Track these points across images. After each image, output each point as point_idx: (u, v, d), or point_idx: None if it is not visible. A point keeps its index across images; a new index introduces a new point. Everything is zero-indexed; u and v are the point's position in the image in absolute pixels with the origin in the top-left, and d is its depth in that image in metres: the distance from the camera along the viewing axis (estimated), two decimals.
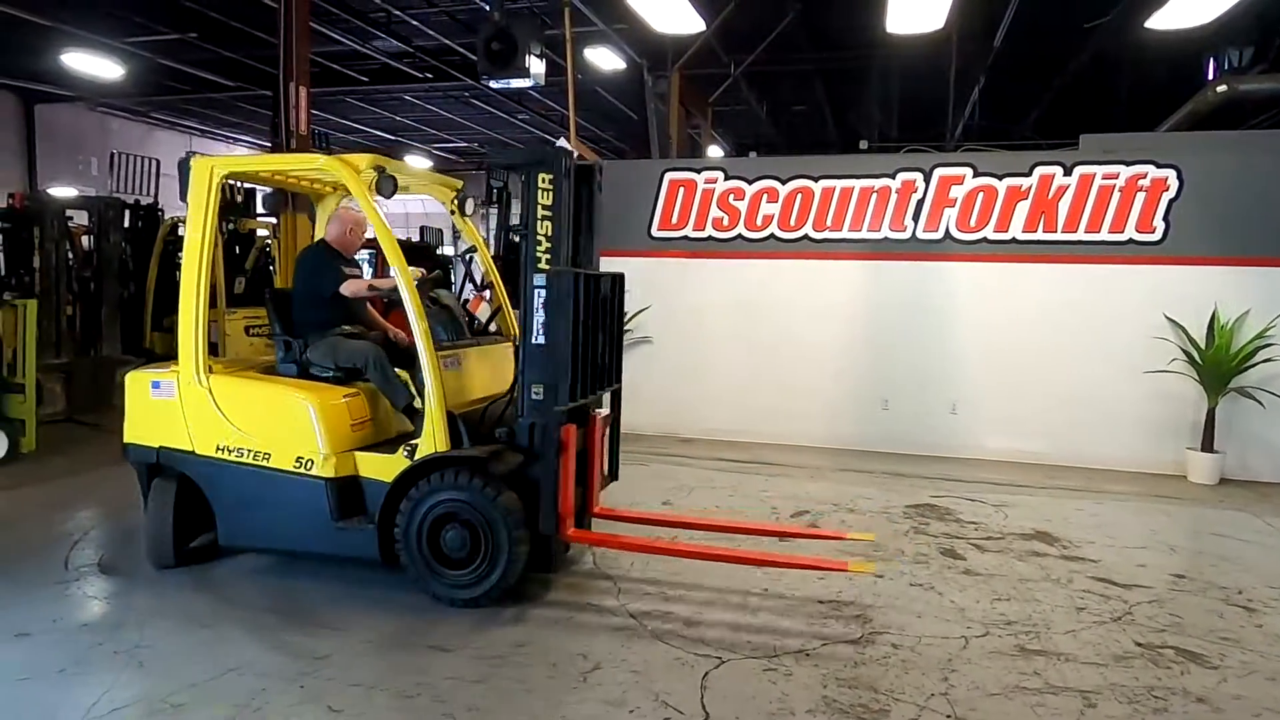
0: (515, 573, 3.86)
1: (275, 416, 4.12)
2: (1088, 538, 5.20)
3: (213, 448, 4.15)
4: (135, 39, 11.82)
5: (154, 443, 4.26)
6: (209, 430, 4.16)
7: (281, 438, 4.06)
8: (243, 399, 4.20)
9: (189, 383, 4.20)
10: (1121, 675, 3.37)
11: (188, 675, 3.22)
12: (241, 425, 4.14)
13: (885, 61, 11.75)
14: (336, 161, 4.12)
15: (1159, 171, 6.79)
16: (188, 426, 4.19)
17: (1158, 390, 6.84)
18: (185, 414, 4.20)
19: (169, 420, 4.22)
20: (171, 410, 4.22)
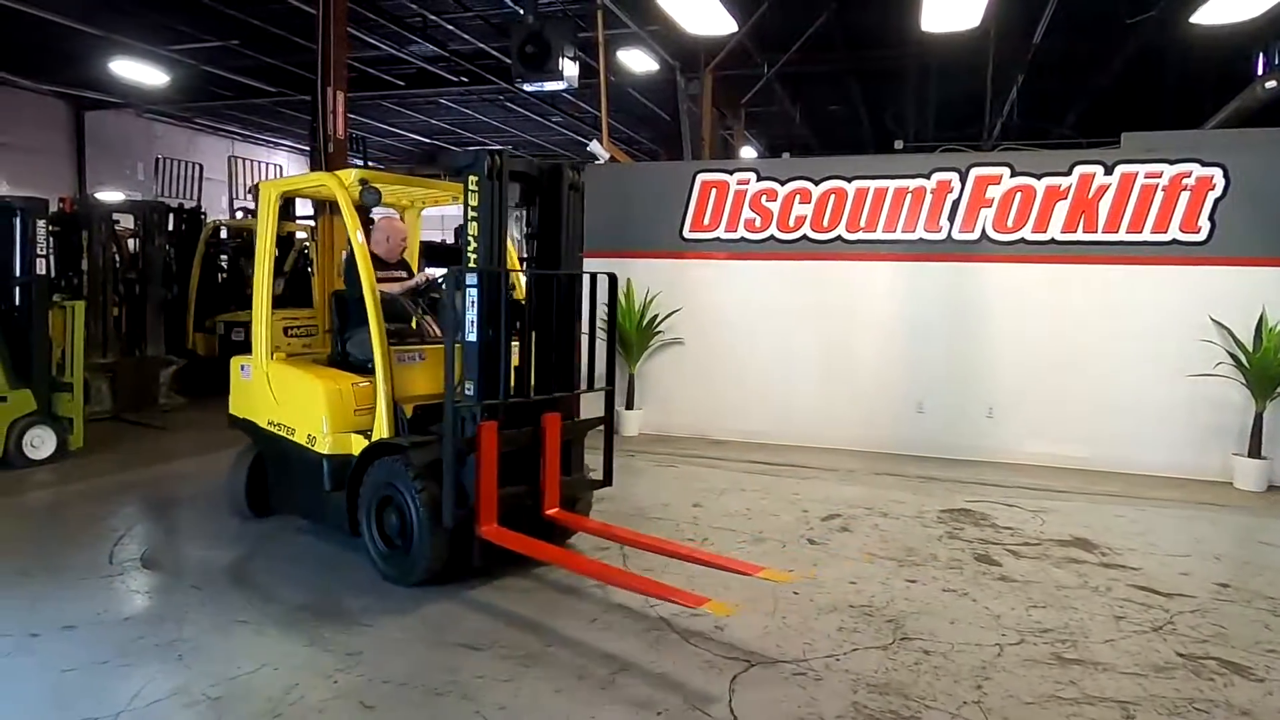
0: (430, 559, 4.04)
1: (299, 397, 4.76)
2: (1128, 545, 5.09)
3: (266, 421, 4.98)
4: (180, 46, 12.12)
5: (240, 415, 5.21)
6: (265, 406, 4.99)
7: (302, 415, 4.72)
8: (284, 381, 4.91)
9: (257, 367, 5.06)
10: (1162, 686, 3.29)
11: (225, 669, 3.28)
12: (281, 403, 4.88)
13: (921, 60, 11.62)
14: (329, 176, 4.78)
15: (1204, 170, 6.62)
16: (255, 403, 5.05)
17: (1202, 394, 6.66)
18: (254, 392, 5.08)
19: (247, 397, 5.15)
20: (249, 389, 5.14)
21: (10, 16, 10.23)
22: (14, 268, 6.37)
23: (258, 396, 5.03)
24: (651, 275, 8.03)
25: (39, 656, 3.38)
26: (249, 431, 5.16)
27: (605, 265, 7.58)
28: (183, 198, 12.03)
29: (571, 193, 4.56)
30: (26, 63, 13.14)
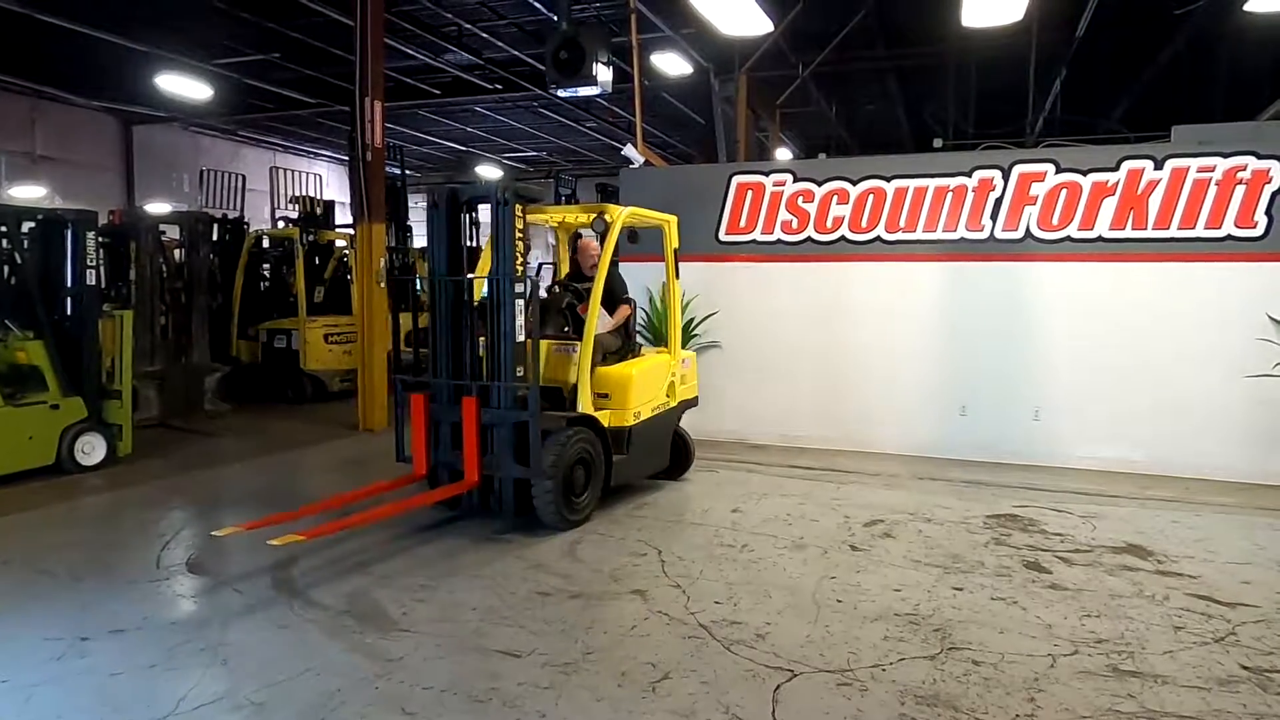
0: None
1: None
2: (1185, 552, 4.90)
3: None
4: (223, 61, 12.40)
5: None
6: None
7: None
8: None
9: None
10: (1226, 700, 3.15)
11: (268, 674, 3.31)
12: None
13: (961, 56, 11.41)
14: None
15: (1260, 163, 6.38)
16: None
17: (1261, 395, 6.41)
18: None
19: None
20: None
21: (62, 36, 10.56)
22: (65, 278, 6.54)
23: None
24: (688, 278, 7.94)
25: (89, 660, 3.44)
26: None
27: (642, 270, 7.66)
28: (227, 208, 12.27)
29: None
30: (78, 80, 13.56)
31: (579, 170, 21.25)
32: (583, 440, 5.22)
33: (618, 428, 5.57)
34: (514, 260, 5.03)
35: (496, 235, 5.09)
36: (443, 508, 5.42)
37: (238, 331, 10.34)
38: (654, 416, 5.88)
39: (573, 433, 5.14)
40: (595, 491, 5.38)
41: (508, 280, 5.03)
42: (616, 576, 4.43)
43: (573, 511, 5.23)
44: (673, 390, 6.10)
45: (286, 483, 6.71)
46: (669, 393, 6.06)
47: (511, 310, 5.04)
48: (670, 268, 6.23)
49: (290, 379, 10.08)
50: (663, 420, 6.02)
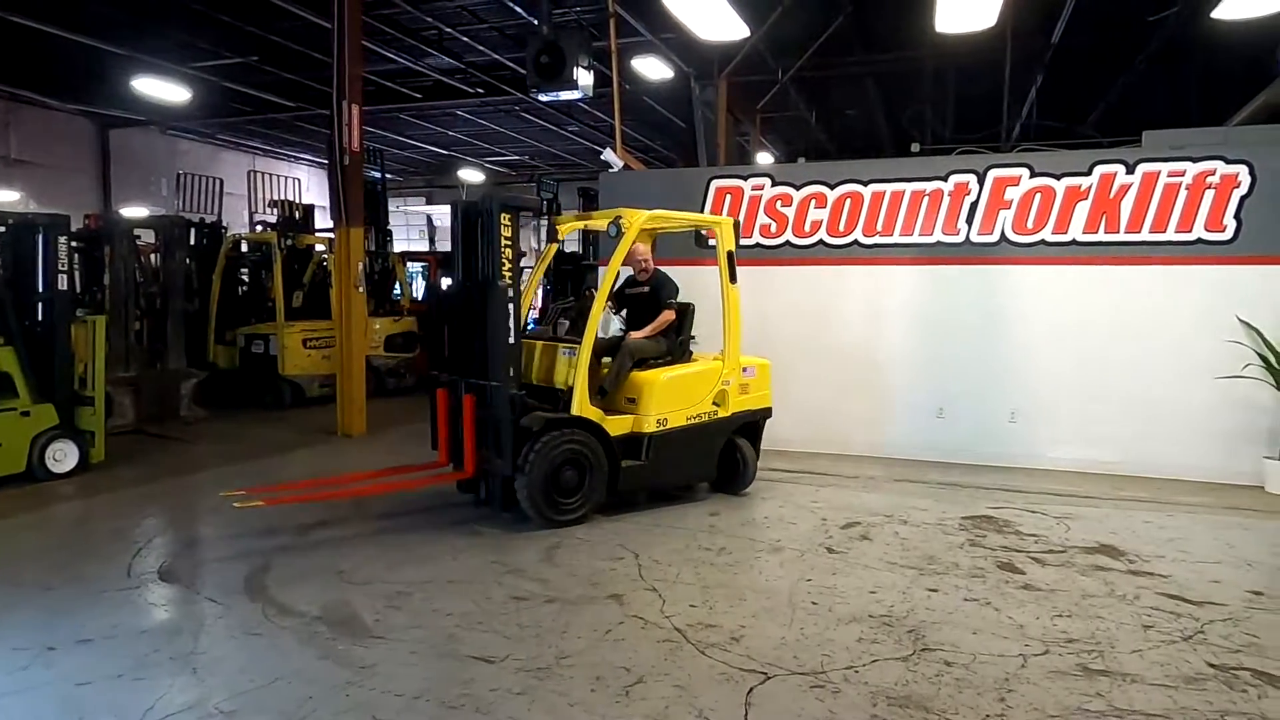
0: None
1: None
2: (1157, 552, 4.96)
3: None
4: (201, 64, 12.30)
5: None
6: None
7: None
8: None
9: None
10: (1192, 698, 3.19)
11: (238, 683, 3.28)
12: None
13: (938, 62, 11.51)
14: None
15: (1229, 168, 6.48)
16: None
17: (1231, 396, 6.50)
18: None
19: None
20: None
21: (37, 38, 10.44)
22: (36, 283, 6.46)
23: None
24: None
25: (55, 670, 3.39)
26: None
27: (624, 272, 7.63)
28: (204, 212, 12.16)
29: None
30: (53, 83, 13.42)
31: (562, 174, 21.25)
32: (572, 442, 5.23)
33: (634, 434, 5.53)
34: (501, 265, 5.19)
35: (488, 241, 5.25)
36: (465, 496, 5.86)
37: (215, 337, 10.25)
38: (689, 425, 5.71)
39: (560, 434, 5.18)
40: (592, 494, 5.37)
41: (495, 283, 5.18)
42: (594, 581, 4.42)
43: (557, 511, 5.26)
44: (724, 399, 5.89)
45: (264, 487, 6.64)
46: (717, 401, 5.87)
47: (501, 313, 5.17)
48: (724, 272, 6.01)
49: (268, 384, 10.00)
50: (702, 430, 5.80)
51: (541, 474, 5.14)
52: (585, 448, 5.31)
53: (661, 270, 6.16)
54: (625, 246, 5.56)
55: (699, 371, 5.92)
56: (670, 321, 5.91)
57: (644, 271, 6.11)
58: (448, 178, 23.28)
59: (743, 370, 6.04)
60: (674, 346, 5.95)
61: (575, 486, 5.32)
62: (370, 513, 5.87)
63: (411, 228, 25.27)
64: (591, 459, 5.33)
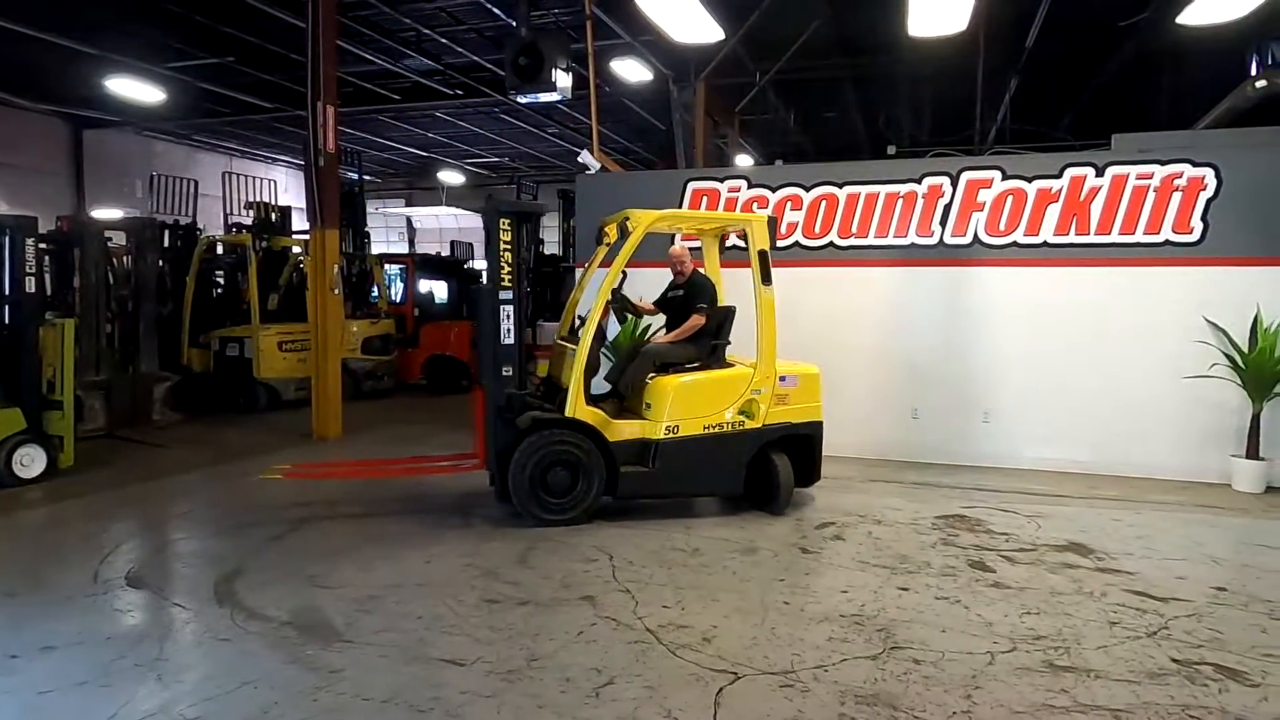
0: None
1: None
2: (1125, 549, 5.03)
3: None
4: (176, 64, 12.19)
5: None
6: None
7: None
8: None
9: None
10: (1155, 693, 3.23)
11: (204, 689, 3.25)
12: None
13: (915, 65, 11.62)
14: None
15: (1196, 170, 6.59)
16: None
17: (1199, 396, 6.60)
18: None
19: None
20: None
21: (8, 38, 10.30)
22: (3, 286, 6.36)
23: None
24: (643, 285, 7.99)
25: (17, 678, 3.34)
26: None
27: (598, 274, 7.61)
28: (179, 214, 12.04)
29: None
30: (25, 83, 13.24)
31: (542, 176, 21.23)
32: (561, 443, 5.25)
33: (643, 439, 5.42)
34: (500, 268, 5.34)
35: (489, 245, 5.43)
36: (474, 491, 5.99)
37: (189, 340, 10.13)
38: (705, 435, 5.44)
39: (548, 435, 5.23)
40: (585, 497, 5.33)
41: (494, 286, 5.36)
42: (567, 583, 4.41)
43: (545, 510, 5.30)
44: (754, 409, 5.54)
45: (237, 493, 6.59)
46: (746, 411, 5.53)
47: (493, 314, 5.34)
48: (756, 273, 5.62)
49: (243, 388, 9.91)
50: (722, 441, 5.48)
51: (527, 472, 5.22)
52: (578, 449, 5.27)
53: (700, 272, 6.05)
54: (630, 248, 5.46)
55: (720, 378, 5.63)
56: (699, 326, 5.72)
57: (680, 274, 6.01)
58: (427, 179, 23.20)
59: (779, 379, 5.63)
60: (702, 352, 5.74)
61: (567, 488, 5.31)
62: (347, 514, 5.85)
63: (391, 230, 25.15)
64: (585, 461, 5.28)
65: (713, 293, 5.89)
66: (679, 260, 6.01)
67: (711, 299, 5.85)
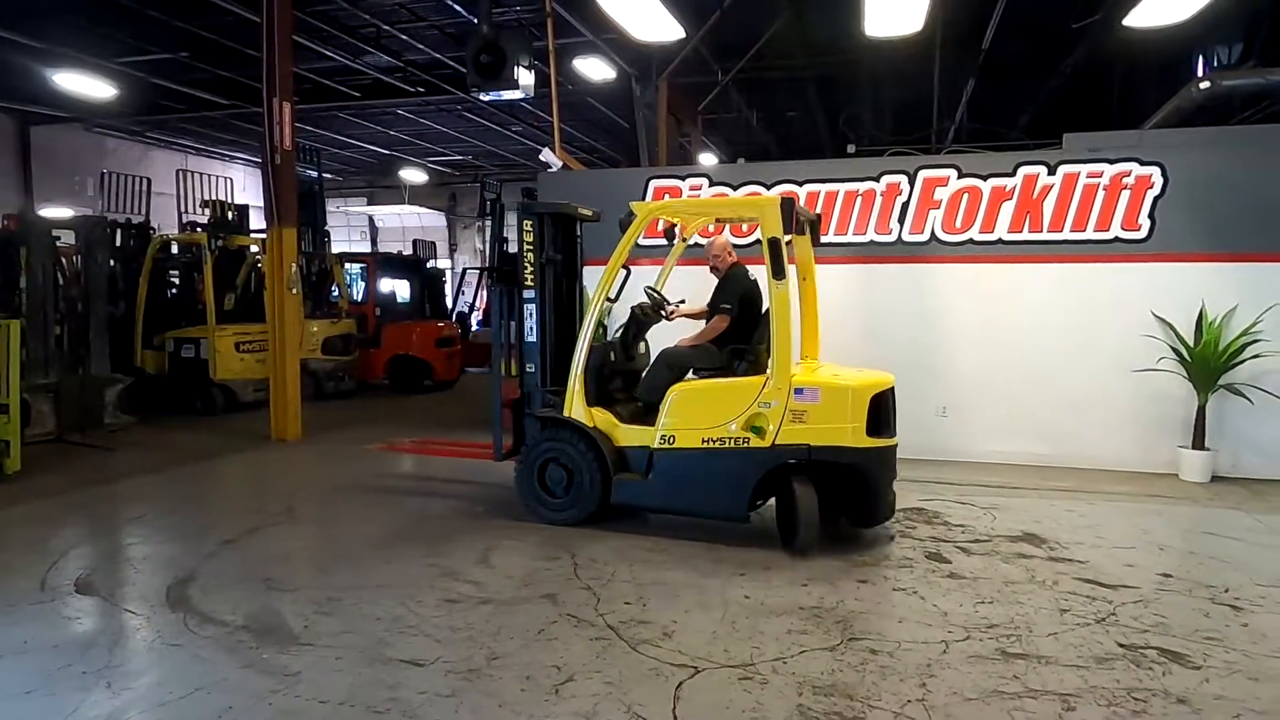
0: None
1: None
2: (1076, 539, 5.15)
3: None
4: (127, 59, 11.90)
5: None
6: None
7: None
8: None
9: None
10: (1102, 677, 3.32)
11: (155, 695, 3.19)
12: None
13: (875, 65, 11.76)
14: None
15: (1143, 169, 6.76)
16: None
17: (1148, 389, 6.79)
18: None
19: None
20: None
21: None
22: None
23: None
24: None
25: None
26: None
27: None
28: (132, 213, 11.74)
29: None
30: None
31: (506, 175, 21.11)
32: (556, 442, 5.27)
33: (640, 447, 5.11)
34: (523, 268, 5.41)
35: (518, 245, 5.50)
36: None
37: (142, 341, 9.91)
38: (702, 450, 4.89)
39: (549, 433, 5.31)
40: (578, 500, 5.23)
41: (522, 287, 5.45)
42: (528, 581, 4.41)
43: (544, 507, 5.37)
44: (762, 425, 4.77)
45: (192, 494, 6.47)
46: (750, 426, 4.79)
47: (520, 313, 5.47)
48: (768, 265, 4.81)
49: (199, 390, 9.72)
50: (722, 458, 4.87)
51: (526, 468, 5.38)
52: (572, 450, 5.20)
53: (737, 267, 5.54)
54: (627, 243, 5.23)
55: (723, 387, 5.00)
56: (720, 330, 5.29)
57: (715, 270, 5.60)
58: (390, 178, 22.93)
59: (794, 391, 4.73)
60: (719, 356, 5.23)
61: (564, 487, 5.29)
62: (305, 517, 5.77)
63: (353, 229, 24.84)
64: (579, 464, 5.18)
65: (743, 290, 5.36)
66: (714, 255, 5.57)
67: (740, 297, 5.33)
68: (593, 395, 5.29)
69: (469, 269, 18.43)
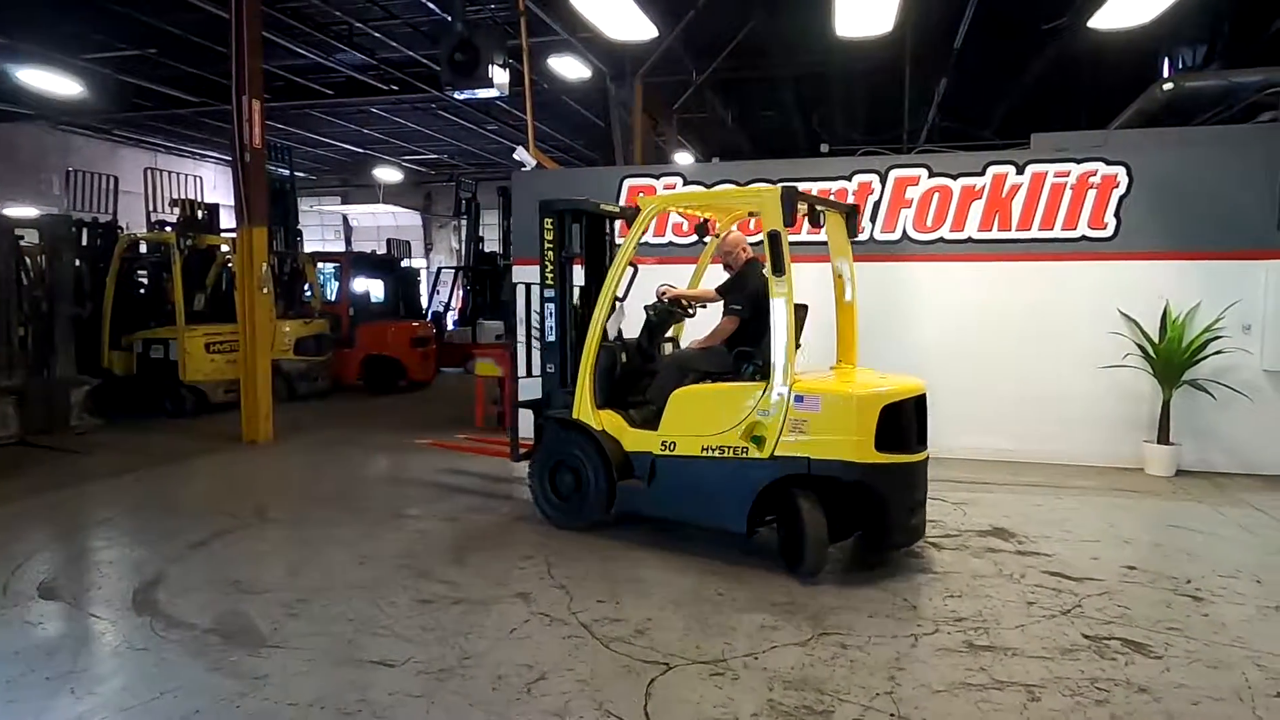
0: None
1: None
2: (1044, 533, 5.23)
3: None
4: (93, 55, 11.70)
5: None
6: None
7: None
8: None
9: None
10: (1067, 668, 3.38)
11: (120, 700, 3.14)
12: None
13: (848, 66, 11.85)
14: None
15: (1109, 169, 6.88)
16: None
17: (1115, 385, 6.90)
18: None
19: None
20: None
21: None
22: None
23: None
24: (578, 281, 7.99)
25: None
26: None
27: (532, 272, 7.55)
28: (99, 211, 11.54)
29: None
30: None
31: (482, 174, 21.02)
32: (564, 444, 5.17)
33: (645, 453, 4.90)
34: (544, 267, 5.39)
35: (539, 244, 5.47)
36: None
37: (110, 342, 9.76)
38: (701, 458, 4.61)
39: (559, 434, 5.23)
40: (585, 504, 5.11)
41: (543, 286, 5.42)
42: (502, 581, 4.40)
43: (554, 510, 5.30)
44: (762, 434, 4.41)
45: (160, 497, 6.38)
46: (749, 436, 4.45)
47: (542, 313, 5.44)
48: (769, 261, 4.51)
49: (169, 391, 9.58)
50: (720, 468, 4.54)
51: (536, 469, 5.33)
52: (580, 453, 5.07)
53: (752, 264, 5.29)
54: (633, 239, 5.00)
55: (722, 392, 4.70)
56: (729, 332, 5.05)
57: (729, 268, 5.39)
58: (364, 177, 22.75)
59: (794, 399, 4.35)
60: (728, 359, 4.95)
61: (570, 490, 5.18)
62: (275, 519, 5.71)
63: (327, 228, 24.60)
64: (585, 467, 5.05)
65: (756, 289, 4.94)
66: (726, 251, 5.33)
67: (752, 297, 4.99)
68: (602, 397, 5.11)
69: (444, 268, 18.34)
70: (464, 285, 16.17)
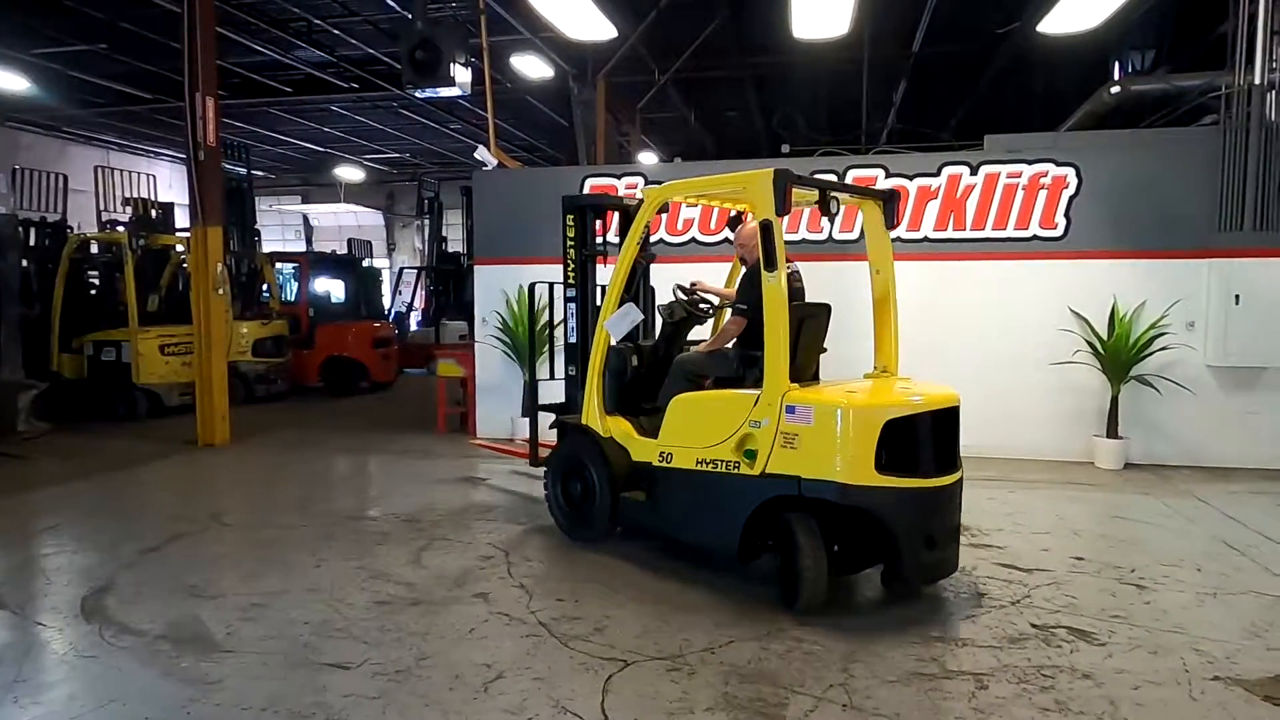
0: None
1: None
2: (997, 525, 5.35)
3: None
4: (41, 51, 11.41)
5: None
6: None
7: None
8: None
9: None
10: (1014, 657, 3.46)
11: (67, 709, 3.08)
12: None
13: (810, 67, 11.99)
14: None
15: (1059, 170, 7.04)
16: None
17: (1066, 381, 7.07)
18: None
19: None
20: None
21: None
22: None
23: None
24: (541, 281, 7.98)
25: None
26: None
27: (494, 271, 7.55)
28: (46, 210, 11.23)
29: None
30: None
31: (445, 173, 20.87)
32: (573, 450, 4.96)
33: (644, 462, 4.61)
34: (566, 265, 5.32)
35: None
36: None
37: (59, 344, 9.52)
38: (696, 472, 4.24)
39: (570, 440, 5.07)
40: (595, 516, 4.82)
41: (565, 285, 5.36)
42: (461, 581, 4.38)
43: (565, 519, 5.06)
44: (755, 448, 3.96)
45: (111, 502, 6.24)
46: (743, 448, 4.01)
47: (565, 314, 5.38)
48: (762, 257, 4.01)
49: (121, 394, 9.38)
50: (713, 483, 4.16)
51: (549, 476, 5.13)
52: (586, 460, 4.80)
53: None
54: (635, 233, 4.79)
55: (718, 400, 4.37)
56: (735, 335, 4.58)
57: (744, 262, 4.94)
58: (325, 176, 22.46)
59: (785, 410, 3.86)
60: (733, 363, 4.58)
61: (581, 497, 4.90)
62: (232, 523, 5.62)
63: (288, 227, 24.23)
64: (591, 476, 4.78)
65: (756, 289, 4.33)
66: (741, 244, 4.87)
67: (760, 296, 4.33)
68: (611, 402, 4.83)
69: (406, 268, 18.18)
70: (427, 285, 16.05)
